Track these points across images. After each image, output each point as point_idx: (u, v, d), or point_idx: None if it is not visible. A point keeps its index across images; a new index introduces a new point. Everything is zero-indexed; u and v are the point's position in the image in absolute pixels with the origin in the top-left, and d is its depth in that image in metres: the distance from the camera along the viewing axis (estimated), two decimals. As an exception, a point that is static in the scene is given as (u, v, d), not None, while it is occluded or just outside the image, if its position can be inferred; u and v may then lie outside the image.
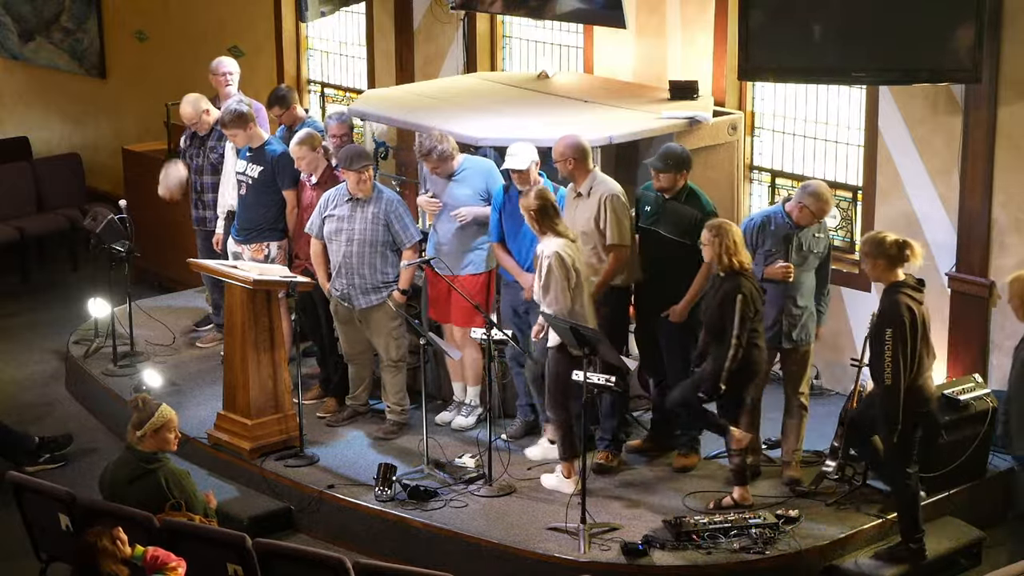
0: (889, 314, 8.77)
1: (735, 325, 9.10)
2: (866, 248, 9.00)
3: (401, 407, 10.70)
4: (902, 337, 8.72)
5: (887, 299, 8.84)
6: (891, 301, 8.80)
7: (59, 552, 8.65)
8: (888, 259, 8.85)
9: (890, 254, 8.85)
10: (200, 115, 12.00)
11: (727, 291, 9.17)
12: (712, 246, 9.20)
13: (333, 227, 10.45)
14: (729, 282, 9.19)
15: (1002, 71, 10.02)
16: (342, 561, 7.81)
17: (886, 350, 8.74)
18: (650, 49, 11.92)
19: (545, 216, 9.51)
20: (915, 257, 8.89)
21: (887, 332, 8.74)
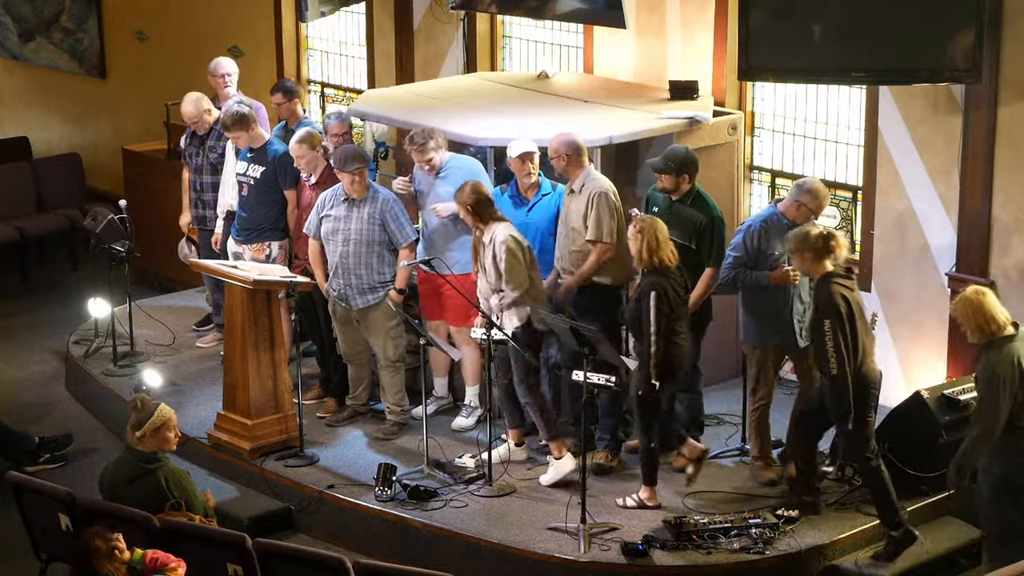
0: (825, 305, 8.89)
1: (651, 322, 9.19)
2: (792, 244, 9.12)
3: (400, 407, 10.70)
4: (841, 326, 8.83)
5: (821, 291, 8.97)
6: (825, 292, 8.93)
7: (59, 552, 8.65)
8: (815, 252, 8.98)
9: (816, 247, 8.97)
10: (201, 114, 12.00)
11: (644, 288, 9.30)
12: (635, 242, 9.34)
13: (330, 227, 10.45)
14: (647, 279, 9.31)
15: (1002, 71, 10.02)
16: (342, 561, 7.81)
17: (827, 341, 8.84)
18: (650, 49, 11.92)
19: (482, 208, 9.79)
20: (840, 248, 9.02)
21: (826, 324, 8.84)
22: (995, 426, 8.47)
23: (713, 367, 10.55)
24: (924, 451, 9.53)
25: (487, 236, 9.79)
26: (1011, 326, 8.55)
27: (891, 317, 10.67)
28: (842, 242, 9.08)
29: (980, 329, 8.53)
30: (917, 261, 10.56)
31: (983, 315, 8.52)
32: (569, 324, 9.27)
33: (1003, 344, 8.49)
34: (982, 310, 8.52)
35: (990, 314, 8.52)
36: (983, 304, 8.54)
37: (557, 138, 10.01)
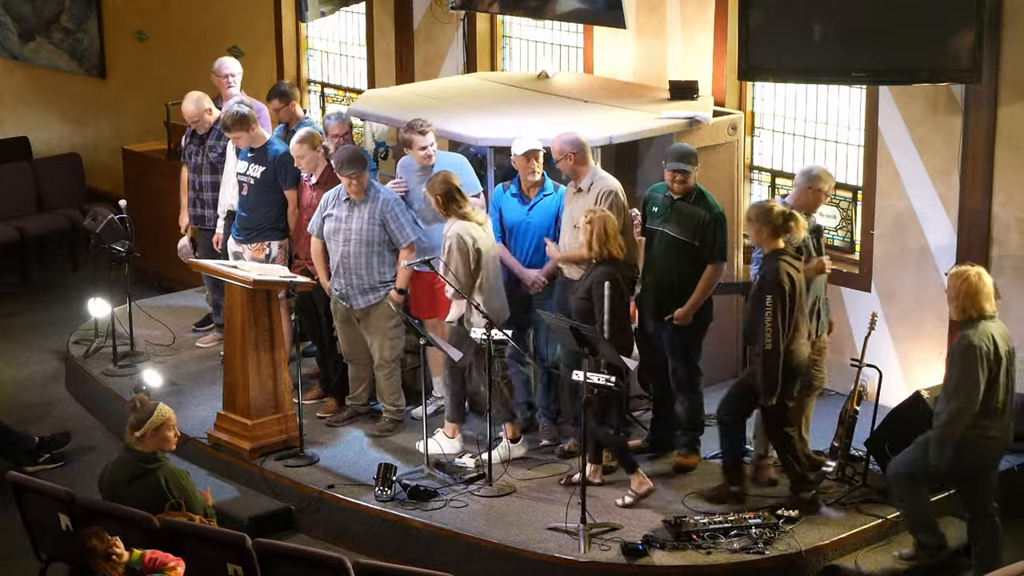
0: (770, 281, 9.05)
1: (605, 311, 9.31)
2: (752, 214, 9.26)
3: (396, 407, 10.70)
4: (781, 304, 8.99)
5: (768, 266, 9.11)
6: (772, 268, 9.09)
7: (59, 552, 8.65)
8: (773, 228, 9.15)
9: (775, 224, 9.14)
10: (202, 113, 12.00)
11: (597, 278, 9.41)
12: (585, 233, 9.47)
13: (331, 227, 10.46)
14: (599, 270, 9.43)
15: (1002, 71, 10.02)
16: (342, 561, 7.81)
17: (766, 316, 9.00)
18: (650, 49, 11.92)
19: (451, 200, 9.90)
20: (798, 230, 9.18)
21: (768, 298, 9.00)
22: (975, 399, 8.53)
23: (713, 367, 10.55)
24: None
25: (445, 228, 9.98)
26: (992, 312, 8.68)
27: (891, 317, 10.67)
28: (802, 225, 9.20)
29: (963, 309, 8.65)
30: (917, 261, 10.56)
31: (973, 299, 8.62)
32: (569, 324, 9.27)
33: (980, 321, 8.60)
34: (976, 296, 8.62)
35: (979, 300, 8.62)
36: (979, 291, 8.63)
37: (560, 138, 10.01)
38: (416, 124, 10.48)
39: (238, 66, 12.63)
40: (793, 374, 9.21)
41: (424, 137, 10.46)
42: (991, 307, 8.67)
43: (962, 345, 8.58)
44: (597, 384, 9.13)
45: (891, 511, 9.45)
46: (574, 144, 9.97)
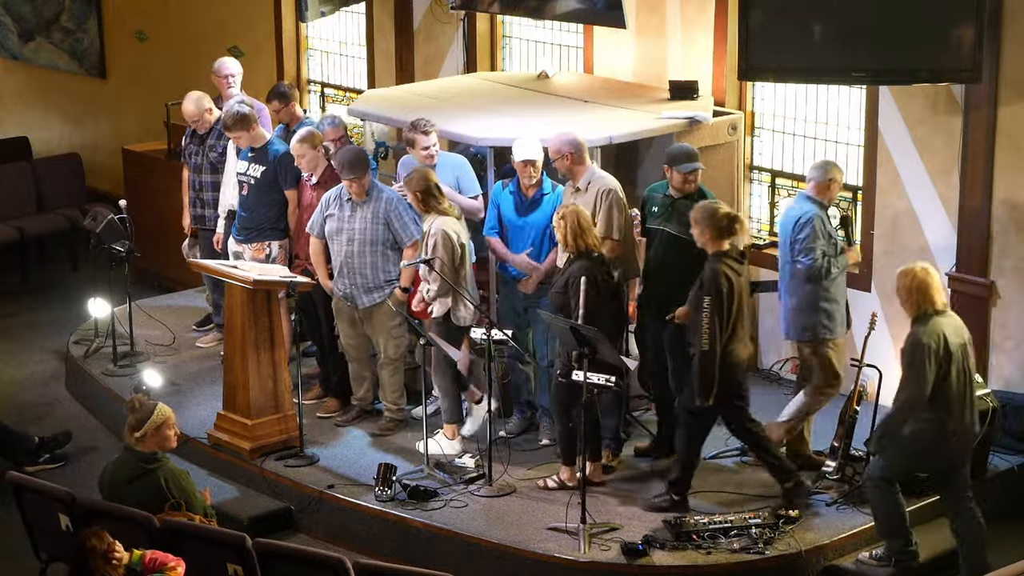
0: (709, 283, 9.12)
1: (580, 305, 9.36)
2: (697, 215, 9.30)
3: (398, 406, 10.70)
4: (719, 306, 9.05)
5: (709, 268, 9.18)
6: (712, 270, 9.16)
7: (59, 552, 8.65)
8: (717, 230, 9.21)
9: (720, 225, 9.20)
10: (202, 113, 12.00)
11: (573, 273, 9.47)
12: (559, 229, 9.55)
13: (334, 227, 10.46)
14: (576, 264, 9.49)
15: (1002, 71, 10.02)
16: (342, 561, 7.81)
17: (704, 317, 9.07)
18: (650, 49, 11.92)
19: (430, 196, 9.99)
20: (742, 233, 9.25)
21: (705, 300, 9.08)
22: (921, 395, 8.60)
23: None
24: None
25: (426, 224, 10.02)
26: (943, 306, 8.76)
27: (891, 317, 10.66)
28: (745, 228, 9.31)
29: (917, 305, 8.74)
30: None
31: (924, 295, 8.71)
32: (569, 324, 9.27)
33: (931, 317, 8.68)
34: (927, 291, 8.72)
35: (931, 296, 8.72)
36: (929, 285, 8.73)
37: (557, 138, 10.02)
38: (419, 124, 10.48)
39: (238, 66, 12.63)
40: (731, 374, 9.24)
41: (427, 137, 10.47)
42: (941, 300, 8.77)
43: (911, 343, 8.69)
44: (597, 384, 9.13)
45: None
46: (571, 144, 9.98)
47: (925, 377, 8.59)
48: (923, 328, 8.65)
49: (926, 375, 8.59)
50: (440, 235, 9.96)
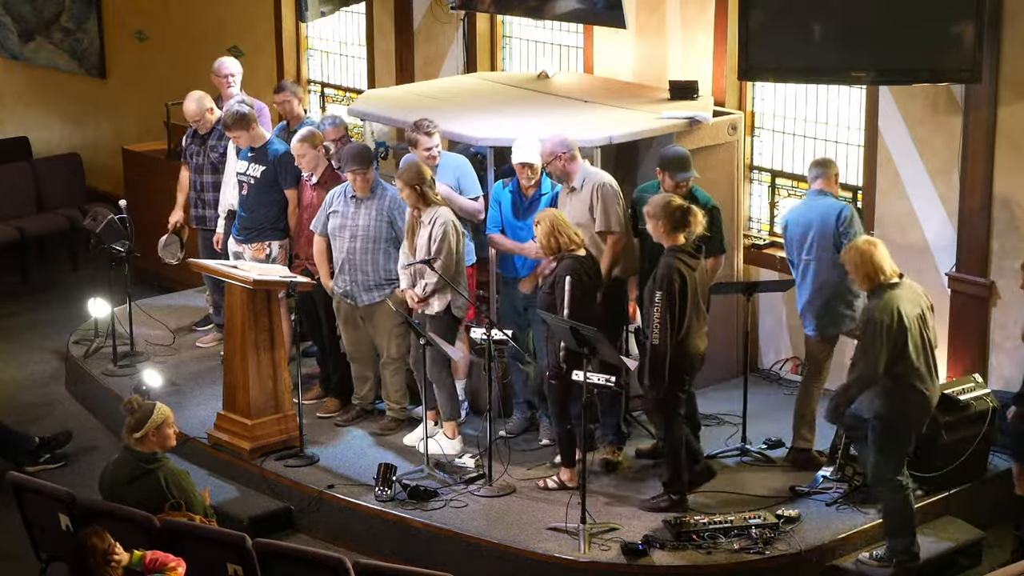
0: (661, 278, 9.17)
1: (565, 305, 9.42)
2: (651, 209, 9.33)
3: (400, 405, 10.70)
4: (671, 300, 9.10)
5: (663, 262, 9.23)
6: (665, 264, 9.20)
7: (59, 552, 8.65)
8: (671, 222, 9.24)
9: (674, 218, 9.23)
10: (203, 113, 12.00)
11: (559, 273, 9.53)
12: (538, 235, 9.62)
13: (336, 223, 10.47)
14: (561, 264, 9.55)
15: (1002, 71, 10.02)
16: (342, 561, 7.81)
17: (655, 312, 9.12)
18: (650, 49, 11.92)
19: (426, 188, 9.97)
20: (696, 225, 9.26)
21: (658, 295, 9.13)
22: (876, 369, 8.71)
23: (713, 366, 10.52)
24: (924, 451, 9.51)
25: (427, 216, 9.98)
26: (896, 276, 8.84)
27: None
28: (700, 220, 9.32)
29: (869, 278, 8.82)
30: (917, 261, 10.55)
31: (872, 265, 8.80)
32: (569, 324, 9.27)
33: (885, 290, 8.78)
34: (872, 261, 8.82)
35: (879, 264, 8.82)
36: (874, 255, 8.83)
37: (549, 141, 10.02)
38: (423, 124, 10.48)
39: (238, 66, 12.63)
40: (685, 368, 9.30)
41: (430, 138, 10.46)
42: (892, 269, 8.88)
43: (865, 319, 8.84)
44: (597, 384, 9.14)
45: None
46: (564, 144, 9.98)
47: (878, 354, 8.71)
48: (878, 303, 8.76)
49: (879, 352, 8.71)
50: (449, 225, 9.97)
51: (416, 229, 10.09)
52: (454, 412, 10.38)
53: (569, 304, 9.42)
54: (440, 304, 10.14)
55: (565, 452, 9.83)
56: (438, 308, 10.14)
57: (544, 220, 9.61)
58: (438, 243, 9.94)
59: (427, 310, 10.16)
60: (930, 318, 8.98)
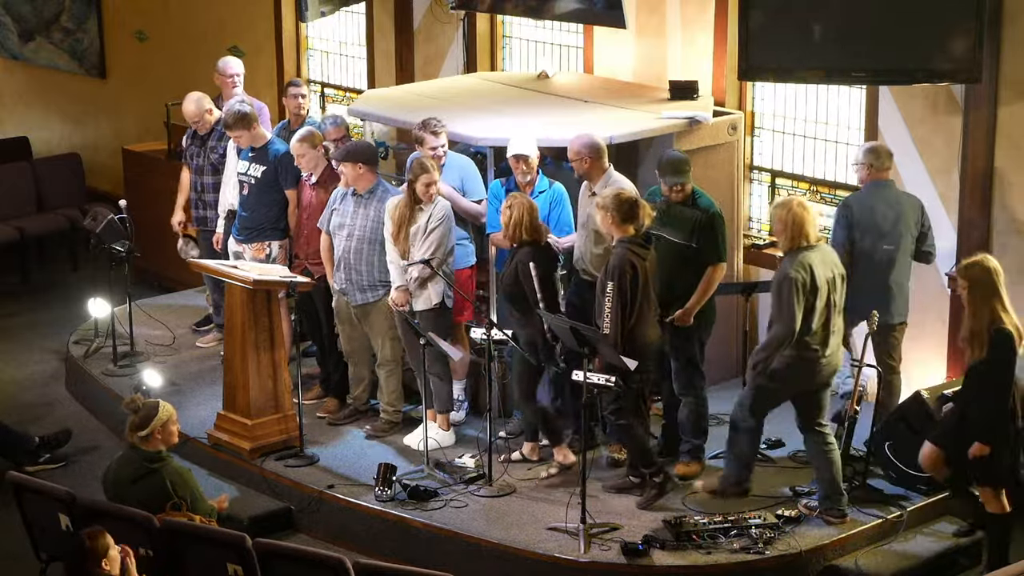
0: (612, 268, 9.32)
1: (536, 290, 9.59)
2: (601, 202, 9.46)
3: (393, 407, 10.70)
4: (622, 291, 9.23)
5: (614, 253, 9.39)
6: (616, 255, 9.34)
7: (59, 552, 8.64)
8: (621, 214, 9.36)
9: (623, 210, 9.36)
10: (203, 114, 12.00)
11: (521, 259, 9.66)
12: (503, 216, 9.76)
13: (337, 222, 10.50)
14: (522, 251, 9.70)
15: (1002, 71, 10.02)
16: (342, 561, 7.81)
17: (607, 302, 9.24)
18: (650, 49, 11.92)
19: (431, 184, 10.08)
20: (645, 217, 9.40)
21: (609, 285, 9.25)
22: (792, 326, 8.92)
23: (713, 366, 10.53)
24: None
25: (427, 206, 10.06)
26: (816, 240, 9.02)
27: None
28: (647, 210, 9.44)
29: (793, 239, 9.02)
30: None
31: (801, 228, 8.97)
32: (569, 324, 9.28)
33: (801, 251, 8.99)
34: (804, 226, 8.99)
35: (807, 229, 8.98)
36: (805, 220, 9.01)
37: (578, 139, 10.02)
38: (430, 123, 10.47)
39: (242, 66, 12.64)
40: (636, 355, 9.35)
41: (436, 138, 10.46)
42: (815, 233, 9.01)
43: (779, 278, 8.99)
44: (597, 384, 9.14)
45: (891, 511, 9.46)
46: (591, 147, 9.98)
47: (794, 311, 8.89)
48: (791, 262, 8.93)
49: (794, 309, 8.89)
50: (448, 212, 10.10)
51: (412, 217, 10.08)
52: (447, 406, 10.42)
53: (540, 288, 9.59)
54: (436, 295, 10.16)
55: (547, 432, 9.97)
56: (436, 301, 10.16)
57: (515, 207, 9.70)
58: (438, 233, 10.00)
59: (424, 305, 10.16)
60: (840, 285, 9.16)
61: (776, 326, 9.02)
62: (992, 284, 8.75)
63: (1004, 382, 8.76)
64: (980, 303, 8.74)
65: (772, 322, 9.08)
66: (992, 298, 8.73)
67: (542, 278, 9.63)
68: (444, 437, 10.35)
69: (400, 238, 10.14)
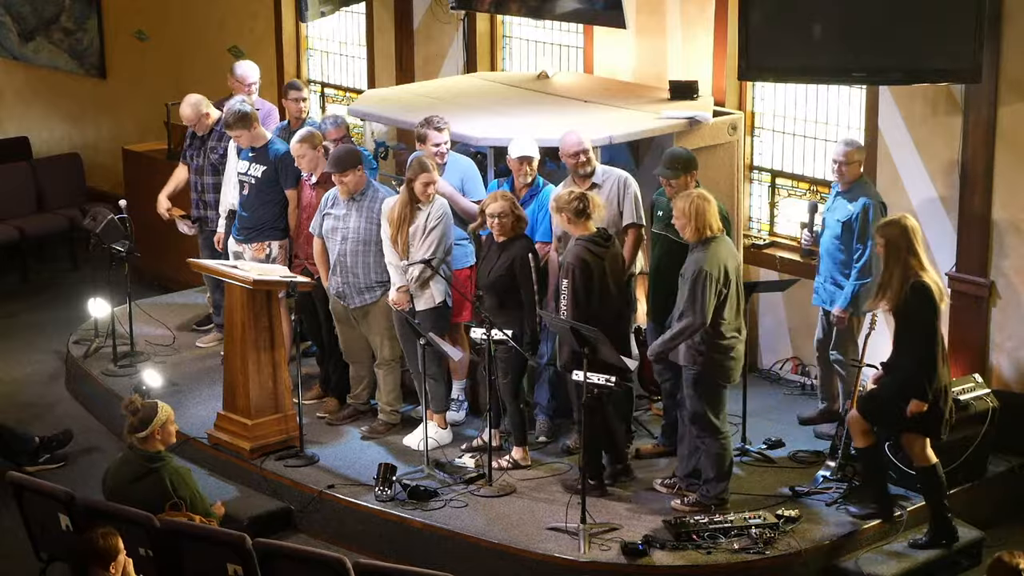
0: (568, 265, 9.53)
1: (532, 281, 9.76)
2: (554, 204, 9.68)
3: (392, 407, 10.70)
4: (574, 287, 9.47)
5: (570, 251, 9.58)
6: (571, 253, 9.56)
7: (59, 552, 8.65)
8: (572, 212, 9.55)
9: (572, 207, 9.55)
10: (200, 117, 12.01)
11: (518, 253, 9.82)
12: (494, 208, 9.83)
13: (330, 225, 10.48)
14: (518, 243, 9.84)
15: (1002, 71, 10.02)
16: (342, 561, 7.81)
17: (563, 297, 9.51)
18: (650, 49, 11.92)
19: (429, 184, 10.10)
20: (596, 211, 9.58)
21: (563, 283, 9.52)
22: (704, 317, 9.10)
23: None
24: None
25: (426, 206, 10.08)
26: (719, 231, 9.23)
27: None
28: (598, 203, 9.63)
29: (698, 231, 9.16)
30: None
31: (704, 219, 9.14)
32: (569, 324, 9.28)
33: (709, 243, 9.15)
34: (705, 216, 9.13)
35: (710, 220, 9.15)
36: (708, 210, 9.15)
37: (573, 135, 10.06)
38: (433, 120, 10.47)
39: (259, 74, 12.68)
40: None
41: (439, 134, 10.45)
42: (717, 224, 9.19)
43: (693, 270, 9.16)
44: (597, 384, 9.14)
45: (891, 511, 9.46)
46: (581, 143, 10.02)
47: (707, 305, 9.07)
48: (704, 256, 9.13)
49: (707, 303, 9.08)
50: (447, 210, 10.12)
51: (410, 217, 10.09)
52: (444, 405, 10.44)
53: (536, 280, 9.72)
54: (439, 294, 10.18)
55: (514, 428, 10.04)
56: (439, 299, 10.18)
57: (503, 198, 9.80)
58: (439, 231, 10.03)
59: (427, 304, 10.17)
60: (740, 271, 9.45)
61: (688, 317, 9.15)
62: (908, 242, 8.98)
63: (928, 334, 8.98)
64: (894, 260, 8.98)
65: (682, 313, 9.19)
66: (908, 255, 8.95)
67: (538, 271, 9.77)
68: (441, 436, 10.36)
69: (399, 239, 10.14)
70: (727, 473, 9.47)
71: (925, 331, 8.97)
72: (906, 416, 9.04)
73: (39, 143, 17.44)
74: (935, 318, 9.03)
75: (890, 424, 9.28)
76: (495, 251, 9.91)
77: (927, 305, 8.93)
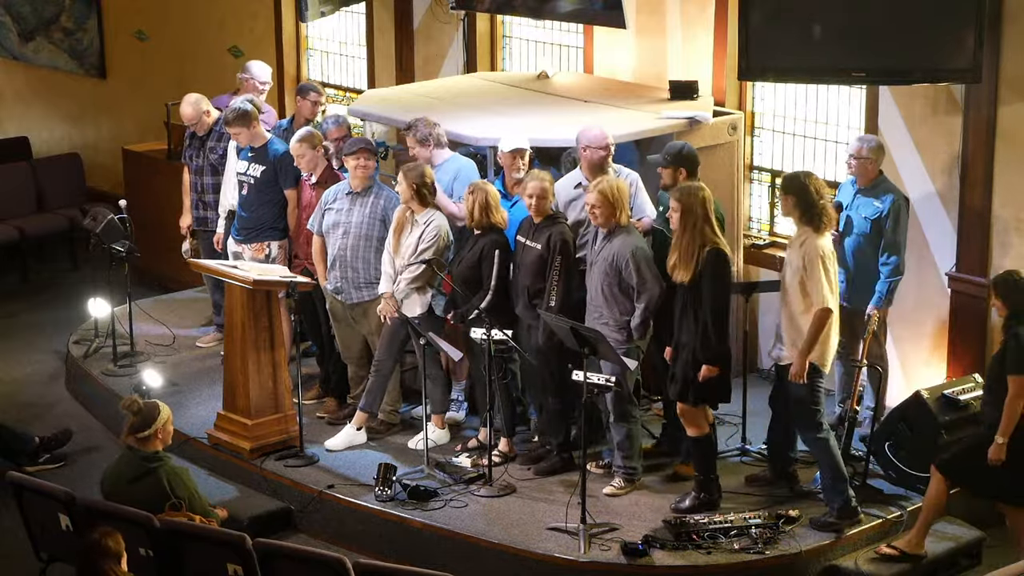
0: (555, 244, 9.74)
1: (494, 276, 9.90)
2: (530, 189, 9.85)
3: (392, 407, 10.70)
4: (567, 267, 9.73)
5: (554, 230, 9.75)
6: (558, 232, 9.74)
7: (59, 552, 8.66)
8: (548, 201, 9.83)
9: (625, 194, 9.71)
10: (200, 116, 12.01)
11: (486, 245, 9.92)
12: (466, 203, 9.96)
13: (331, 220, 10.49)
14: (487, 238, 9.94)
15: (1002, 71, 10.03)
16: (342, 561, 7.81)
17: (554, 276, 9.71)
18: (650, 49, 11.92)
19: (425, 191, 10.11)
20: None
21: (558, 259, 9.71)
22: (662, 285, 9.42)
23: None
24: (924, 451, 9.53)
25: (422, 217, 10.09)
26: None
27: (891, 317, 10.66)
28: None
29: (624, 213, 9.46)
30: (917, 261, 10.56)
31: (621, 205, 9.41)
32: (569, 324, 9.28)
33: (632, 229, 9.55)
34: (621, 202, 9.42)
35: (624, 207, 9.46)
36: (622, 198, 9.44)
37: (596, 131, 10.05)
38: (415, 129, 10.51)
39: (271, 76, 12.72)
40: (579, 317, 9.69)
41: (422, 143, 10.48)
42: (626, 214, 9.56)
43: (630, 250, 9.40)
44: (597, 384, 9.14)
45: (891, 511, 9.46)
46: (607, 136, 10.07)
47: (656, 272, 9.41)
48: (636, 238, 9.51)
49: (656, 271, 9.43)
50: (440, 230, 10.08)
51: (406, 227, 10.11)
52: (443, 406, 10.46)
53: (497, 274, 9.84)
54: (422, 306, 10.17)
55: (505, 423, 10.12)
56: (420, 310, 10.18)
57: (477, 192, 9.87)
58: (427, 244, 10.02)
59: (409, 313, 10.18)
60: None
61: (648, 292, 9.40)
62: (704, 211, 9.18)
63: (721, 299, 9.19)
64: (690, 228, 9.16)
65: (639, 292, 9.40)
66: (704, 224, 9.15)
67: (502, 265, 9.85)
68: (439, 436, 10.37)
69: (396, 245, 10.15)
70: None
71: (721, 296, 9.21)
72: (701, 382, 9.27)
73: (39, 143, 17.44)
74: (730, 285, 9.36)
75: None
76: (470, 242, 10.03)
77: (725, 271, 9.21)
